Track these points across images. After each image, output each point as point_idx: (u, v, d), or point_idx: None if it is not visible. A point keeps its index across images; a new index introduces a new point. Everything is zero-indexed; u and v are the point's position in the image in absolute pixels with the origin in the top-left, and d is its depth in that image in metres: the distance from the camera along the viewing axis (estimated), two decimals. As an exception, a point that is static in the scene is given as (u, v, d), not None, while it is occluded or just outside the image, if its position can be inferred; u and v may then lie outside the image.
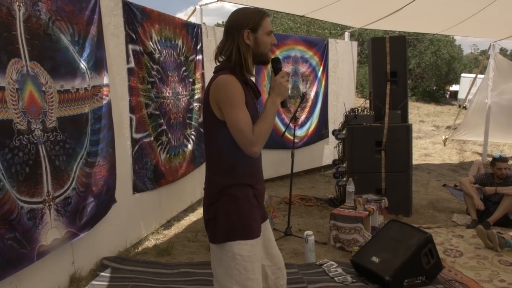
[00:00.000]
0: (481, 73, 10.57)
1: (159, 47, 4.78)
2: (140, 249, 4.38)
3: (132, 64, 4.35)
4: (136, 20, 4.39)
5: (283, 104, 2.14)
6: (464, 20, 7.79)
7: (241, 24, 2.07)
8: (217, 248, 2.11)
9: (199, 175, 5.77)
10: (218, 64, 2.15)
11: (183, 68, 5.34)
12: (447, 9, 7.45)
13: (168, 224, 5.08)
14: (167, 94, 4.93)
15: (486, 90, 9.34)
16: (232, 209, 2.08)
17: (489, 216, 5.17)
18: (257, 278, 2.11)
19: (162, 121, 4.82)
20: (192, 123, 5.55)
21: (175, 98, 5.12)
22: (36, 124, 2.98)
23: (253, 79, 2.27)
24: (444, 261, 4.12)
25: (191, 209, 5.65)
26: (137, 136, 4.46)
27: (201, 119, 5.71)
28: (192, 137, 5.52)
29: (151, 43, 4.64)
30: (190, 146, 5.48)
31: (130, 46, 4.32)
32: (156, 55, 4.73)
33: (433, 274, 3.73)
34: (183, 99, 5.31)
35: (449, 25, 8.35)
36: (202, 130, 5.74)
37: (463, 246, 4.63)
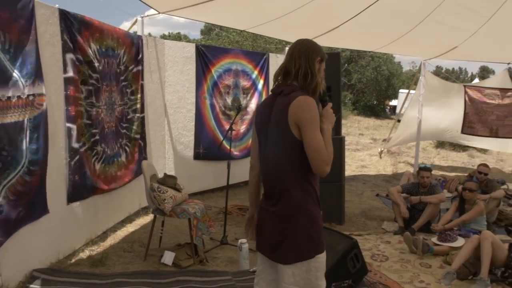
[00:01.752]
0: (415, 89, 11.19)
1: (98, 56, 4.79)
2: (73, 260, 4.33)
3: (71, 74, 4.34)
4: (74, 29, 4.39)
5: None
6: (396, 40, 8.27)
7: (315, 51, 2.27)
8: (290, 268, 2.21)
9: (138, 186, 5.76)
10: (277, 83, 2.32)
11: (122, 78, 5.35)
12: (381, 28, 7.88)
13: (104, 235, 5.03)
14: (100, 104, 4.91)
15: (417, 105, 9.89)
16: (311, 227, 2.20)
17: (414, 223, 5.51)
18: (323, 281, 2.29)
19: (97, 130, 4.80)
20: (130, 134, 5.54)
21: (110, 107, 5.10)
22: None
23: None
24: (371, 265, 4.37)
25: (128, 219, 5.62)
26: (77, 145, 4.45)
27: (138, 130, 5.73)
28: (127, 147, 5.50)
29: (90, 52, 4.63)
30: (125, 156, 5.46)
31: (68, 55, 4.31)
32: (96, 64, 4.72)
33: (359, 278, 3.94)
34: (118, 108, 5.30)
35: (383, 43, 8.81)
36: (140, 141, 5.76)
37: (389, 251, 4.91)
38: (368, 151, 12.83)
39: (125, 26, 6.26)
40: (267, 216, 2.31)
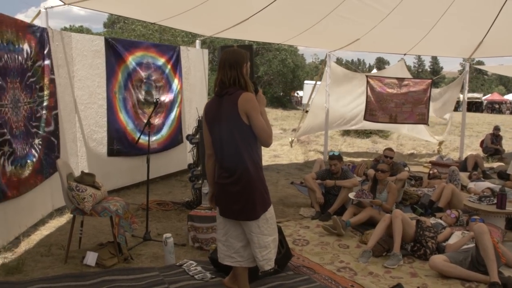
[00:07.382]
0: (320, 80, 11.71)
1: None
2: (-17, 270, 4.01)
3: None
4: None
5: None
6: (303, 32, 8.59)
7: (240, 60, 2.93)
8: (255, 222, 2.94)
9: (49, 186, 5.46)
10: (218, 89, 2.98)
11: (29, 74, 5.01)
12: (288, 21, 8.14)
13: (16, 241, 4.68)
14: (6, 102, 4.56)
15: (324, 95, 10.36)
16: (263, 189, 2.97)
17: (330, 207, 5.80)
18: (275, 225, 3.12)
19: (4, 130, 4.46)
20: (39, 132, 5.22)
21: (15, 106, 4.76)
22: None
23: None
24: (293, 250, 4.54)
25: (42, 222, 5.30)
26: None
27: (50, 128, 5.42)
28: (39, 147, 5.18)
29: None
30: (37, 157, 5.14)
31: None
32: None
33: (284, 263, 4.09)
34: (25, 107, 4.95)
35: (291, 35, 9.10)
36: (53, 138, 5.45)
37: (309, 235, 5.14)
38: (279, 141, 13.17)
39: (19, 18, 5.79)
40: (229, 189, 2.94)
